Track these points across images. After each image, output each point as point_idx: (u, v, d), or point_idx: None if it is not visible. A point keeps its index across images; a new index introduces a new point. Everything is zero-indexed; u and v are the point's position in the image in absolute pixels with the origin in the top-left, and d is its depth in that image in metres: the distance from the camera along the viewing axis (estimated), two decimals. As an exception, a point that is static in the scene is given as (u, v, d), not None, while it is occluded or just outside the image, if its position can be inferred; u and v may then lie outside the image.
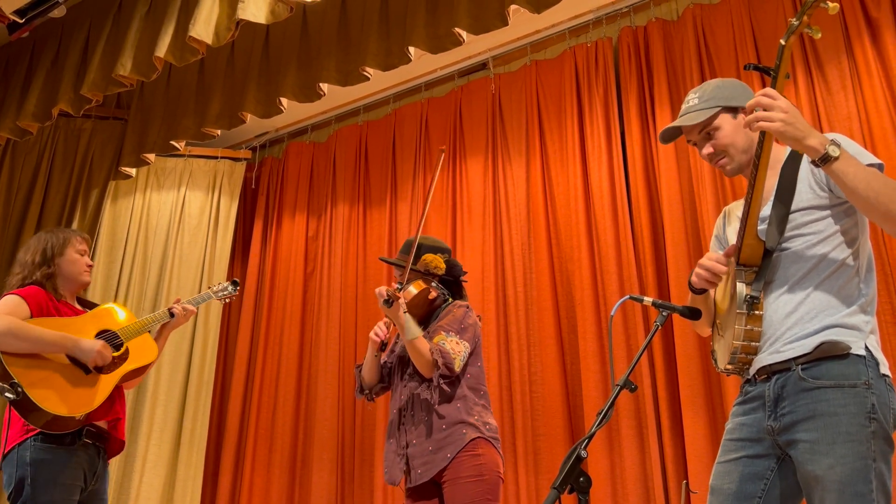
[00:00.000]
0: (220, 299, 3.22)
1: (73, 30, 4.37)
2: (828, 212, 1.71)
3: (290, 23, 3.94)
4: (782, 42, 1.60)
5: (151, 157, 4.61)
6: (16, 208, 4.73)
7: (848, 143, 1.68)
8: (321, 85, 3.85)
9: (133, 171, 4.78)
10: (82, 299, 2.92)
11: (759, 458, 1.71)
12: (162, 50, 3.71)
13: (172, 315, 2.93)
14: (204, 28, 3.52)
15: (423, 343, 2.52)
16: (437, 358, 2.49)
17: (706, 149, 1.88)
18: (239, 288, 3.29)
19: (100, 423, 2.65)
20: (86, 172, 4.79)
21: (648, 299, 1.83)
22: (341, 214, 4.78)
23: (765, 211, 1.77)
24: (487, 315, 3.94)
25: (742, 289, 1.71)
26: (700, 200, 3.48)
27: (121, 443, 2.74)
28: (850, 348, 1.63)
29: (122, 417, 2.75)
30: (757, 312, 1.71)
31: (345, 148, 4.95)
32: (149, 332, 2.88)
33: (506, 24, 3.26)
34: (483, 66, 4.55)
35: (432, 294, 2.71)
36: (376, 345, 2.65)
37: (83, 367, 2.62)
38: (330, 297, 4.62)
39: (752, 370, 1.76)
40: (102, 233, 4.77)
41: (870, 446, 1.56)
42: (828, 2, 1.54)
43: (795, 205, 1.73)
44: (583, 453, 1.54)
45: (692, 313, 1.85)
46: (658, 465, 3.29)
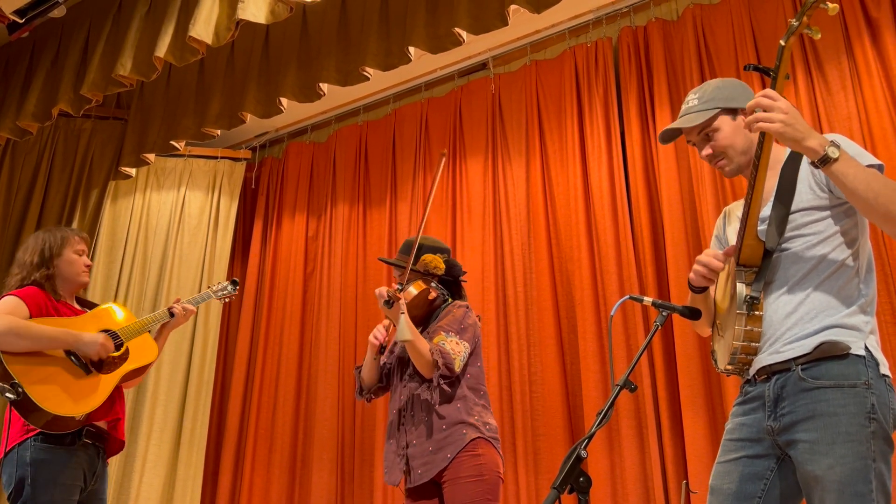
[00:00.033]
0: (220, 299, 3.23)
1: (73, 30, 4.37)
2: (828, 212, 1.71)
3: (289, 23, 3.94)
4: (782, 43, 1.60)
5: (151, 157, 4.61)
6: (16, 208, 4.73)
7: (848, 144, 1.68)
8: (321, 85, 3.85)
9: (133, 171, 4.78)
10: (81, 299, 2.92)
11: (759, 458, 1.71)
12: (162, 50, 3.71)
13: (172, 315, 2.94)
14: (204, 28, 3.52)
15: (423, 343, 2.51)
16: (438, 358, 2.49)
17: (705, 150, 1.89)
18: (238, 287, 3.29)
19: (100, 423, 2.65)
20: (86, 172, 4.79)
21: (648, 299, 1.83)
22: (341, 214, 4.78)
23: (765, 211, 1.77)
24: (487, 315, 3.93)
25: (742, 289, 1.71)
26: (700, 200, 3.48)
27: (120, 443, 2.75)
28: (849, 348, 1.63)
29: (121, 418, 2.75)
30: (757, 313, 1.71)
31: (345, 148, 4.95)
32: (149, 332, 2.88)
33: (506, 24, 3.26)
34: (483, 66, 4.55)
35: (432, 294, 2.71)
36: (375, 348, 2.66)
37: (83, 367, 2.62)
38: (330, 297, 4.62)
39: (751, 370, 1.76)
40: (102, 233, 4.77)
41: (869, 446, 1.56)
42: (827, 2, 1.54)
43: (795, 205, 1.73)
44: (583, 453, 1.54)
45: (692, 313, 1.85)
46: (658, 465, 3.29)
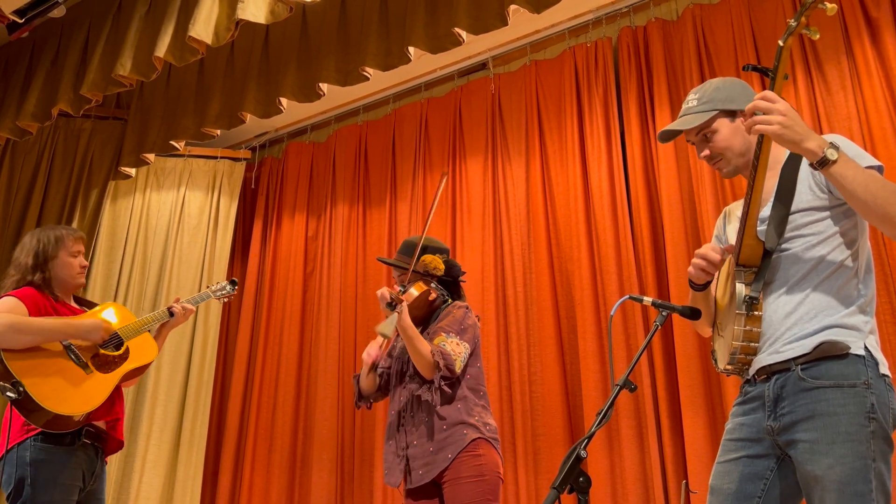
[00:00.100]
0: (219, 299, 3.23)
1: (73, 30, 4.37)
2: (827, 213, 1.71)
3: (289, 23, 3.93)
4: (780, 43, 1.60)
5: (151, 157, 4.61)
6: (15, 208, 4.73)
7: (847, 145, 1.68)
8: (321, 85, 3.85)
9: (133, 171, 4.78)
10: (80, 299, 2.92)
11: (759, 458, 1.71)
12: (161, 50, 3.71)
13: (172, 314, 2.94)
14: (203, 28, 3.52)
15: (423, 344, 2.52)
16: (439, 359, 2.49)
17: (703, 151, 1.90)
18: (237, 287, 3.29)
19: (99, 423, 2.65)
20: (85, 172, 4.79)
21: (648, 299, 1.83)
22: (341, 214, 4.78)
23: (764, 212, 1.77)
24: (487, 315, 3.94)
25: (741, 289, 1.71)
26: (700, 201, 3.48)
27: (119, 442, 2.75)
28: (849, 348, 1.63)
29: (121, 418, 2.75)
30: (756, 313, 1.71)
31: (344, 148, 4.95)
32: (148, 332, 2.88)
33: (505, 24, 3.26)
34: (483, 66, 4.55)
35: (432, 295, 2.71)
36: (368, 365, 2.66)
37: (83, 366, 2.62)
38: (330, 297, 4.62)
39: (751, 370, 1.76)
40: (102, 233, 4.77)
41: (869, 446, 1.56)
42: (826, 3, 1.54)
43: (795, 206, 1.73)
44: (582, 453, 1.54)
45: (692, 313, 1.85)
46: (658, 465, 3.29)
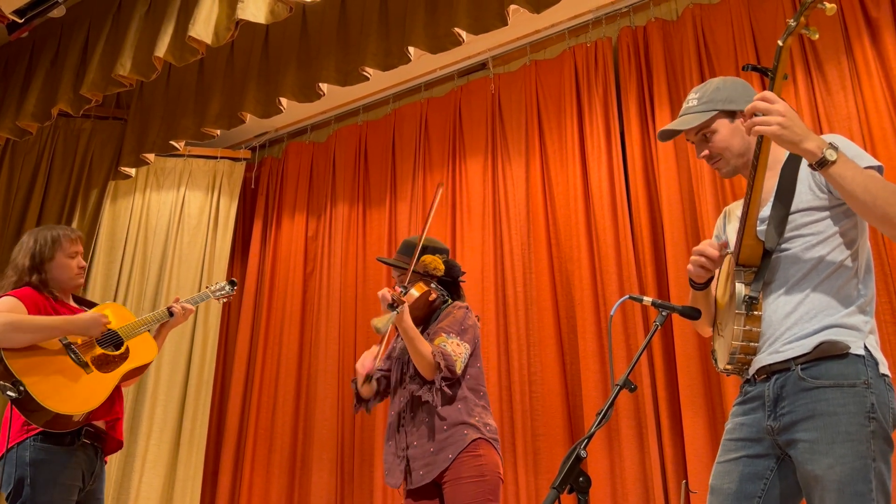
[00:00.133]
0: (218, 299, 3.23)
1: (73, 30, 4.37)
2: (827, 213, 1.71)
3: (289, 23, 3.93)
4: (780, 43, 1.60)
5: (151, 156, 4.61)
6: (15, 208, 4.73)
7: (847, 145, 1.68)
8: (321, 85, 3.85)
9: (132, 170, 4.78)
10: (80, 298, 2.92)
11: (759, 457, 1.71)
12: (161, 50, 3.71)
13: (171, 314, 2.94)
14: (203, 28, 3.52)
15: (424, 345, 2.51)
16: (440, 360, 2.49)
17: (703, 151, 1.90)
18: (236, 288, 3.29)
19: (98, 422, 2.64)
20: (85, 172, 4.79)
21: (648, 299, 1.83)
22: (341, 214, 4.78)
23: (764, 212, 1.77)
24: (487, 315, 3.94)
25: (741, 289, 1.71)
26: (700, 201, 3.48)
27: (118, 442, 2.74)
28: (849, 348, 1.63)
29: (120, 417, 2.75)
30: (756, 313, 1.71)
31: (344, 148, 4.95)
32: (148, 331, 2.88)
33: (505, 24, 3.26)
34: (483, 66, 4.55)
35: (433, 296, 2.71)
36: (362, 376, 2.65)
37: (83, 365, 2.62)
38: (329, 297, 4.62)
39: (751, 370, 1.76)
40: (102, 233, 4.77)
41: (869, 446, 1.56)
42: (825, 2, 1.54)
43: (795, 206, 1.73)
44: (582, 453, 1.54)
45: (692, 313, 1.85)
46: (658, 465, 3.29)
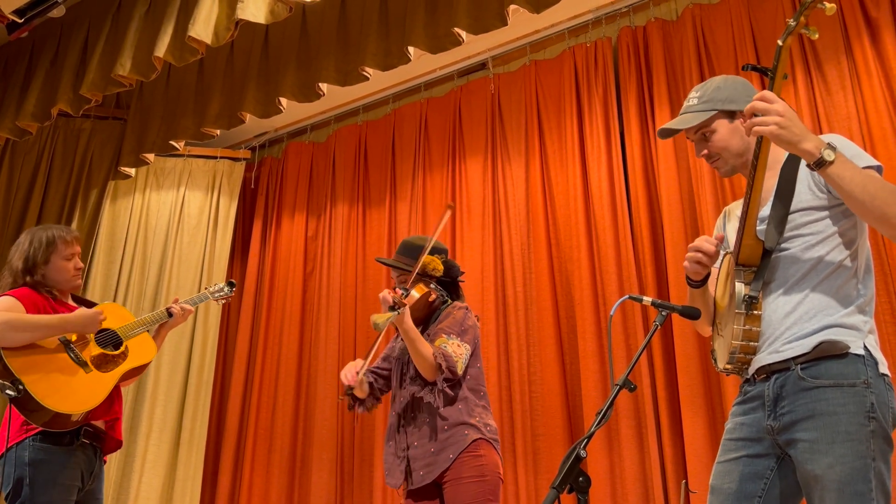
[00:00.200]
0: (217, 300, 3.23)
1: (73, 30, 4.37)
2: (826, 213, 1.71)
3: (289, 23, 3.93)
4: (779, 43, 1.60)
5: (151, 156, 4.61)
6: (15, 208, 4.73)
7: (846, 145, 1.67)
8: (320, 85, 3.85)
9: (132, 170, 4.78)
10: (79, 298, 2.91)
11: (759, 457, 1.71)
12: (161, 50, 3.71)
13: (171, 315, 2.94)
14: (203, 28, 3.52)
15: (425, 346, 2.51)
16: (441, 361, 2.49)
17: (702, 150, 1.91)
18: (235, 289, 3.30)
19: (98, 422, 2.64)
20: (85, 172, 4.79)
21: (647, 299, 1.83)
22: (340, 214, 4.78)
23: (764, 211, 1.77)
24: (487, 315, 3.93)
25: (741, 288, 1.71)
26: (699, 201, 3.48)
27: (117, 442, 2.74)
28: (848, 348, 1.63)
29: (119, 417, 2.75)
30: (755, 312, 1.71)
31: (344, 148, 4.95)
32: (147, 332, 2.88)
33: (505, 23, 3.26)
34: (482, 66, 4.55)
35: (432, 296, 2.70)
36: (344, 386, 2.65)
37: (82, 365, 2.61)
38: (329, 296, 4.62)
39: (751, 370, 1.76)
40: (102, 233, 4.77)
41: (869, 445, 1.56)
42: (825, 2, 1.54)
43: (794, 205, 1.73)
44: (582, 453, 1.54)
45: (691, 313, 1.85)
46: (657, 465, 3.29)
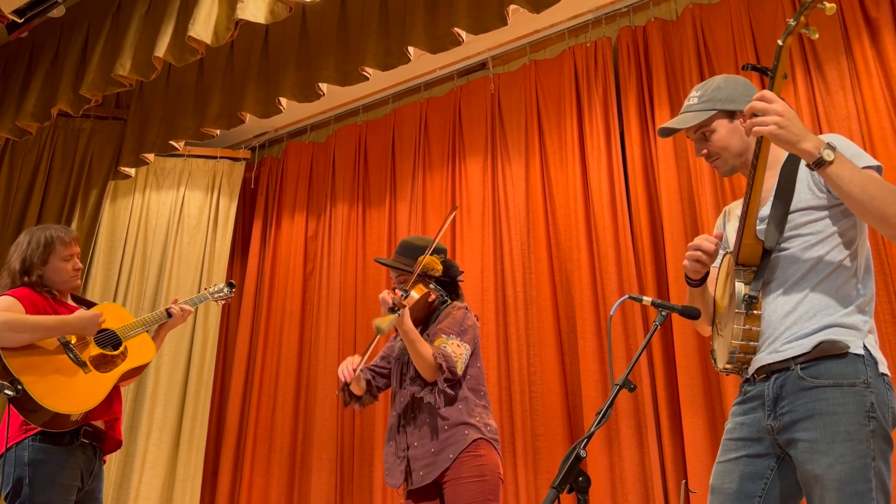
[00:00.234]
0: (216, 301, 3.23)
1: (73, 30, 4.37)
2: (826, 212, 1.71)
3: (289, 23, 3.93)
4: (779, 42, 1.60)
5: (150, 156, 4.61)
6: (15, 208, 4.73)
7: (845, 145, 1.67)
8: (320, 85, 3.85)
9: (132, 170, 4.78)
10: (78, 297, 2.91)
11: (759, 457, 1.71)
12: (161, 50, 3.71)
13: (170, 315, 2.94)
14: (203, 28, 3.52)
15: (425, 347, 2.51)
16: (441, 362, 2.49)
17: (701, 149, 1.91)
18: (235, 289, 3.30)
19: (97, 422, 2.64)
20: (85, 172, 4.79)
21: (647, 299, 1.82)
22: (340, 214, 4.78)
23: (764, 211, 1.77)
24: (487, 315, 3.93)
25: (741, 288, 1.71)
26: (699, 201, 3.48)
27: (117, 442, 2.74)
28: (848, 347, 1.63)
29: (119, 417, 2.75)
30: (755, 312, 1.71)
31: (344, 148, 4.95)
32: (146, 332, 2.88)
33: (505, 23, 3.26)
34: (482, 66, 4.55)
35: (432, 297, 2.70)
36: (340, 382, 2.65)
37: (81, 364, 2.61)
38: (329, 296, 4.62)
39: (750, 370, 1.76)
40: (101, 233, 4.77)
41: (869, 445, 1.56)
42: (825, 2, 1.54)
43: (794, 205, 1.73)
44: (582, 453, 1.54)
45: (691, 312, 1.85)
46: (657, 465, 3.29)
